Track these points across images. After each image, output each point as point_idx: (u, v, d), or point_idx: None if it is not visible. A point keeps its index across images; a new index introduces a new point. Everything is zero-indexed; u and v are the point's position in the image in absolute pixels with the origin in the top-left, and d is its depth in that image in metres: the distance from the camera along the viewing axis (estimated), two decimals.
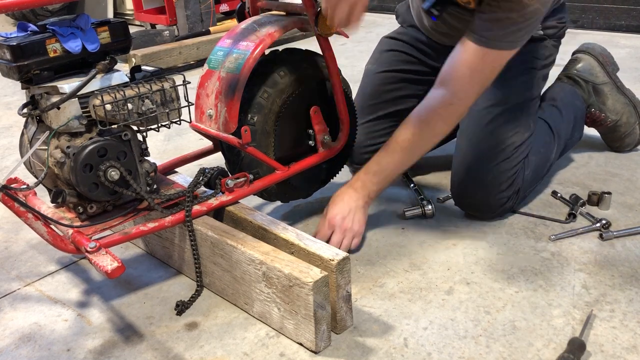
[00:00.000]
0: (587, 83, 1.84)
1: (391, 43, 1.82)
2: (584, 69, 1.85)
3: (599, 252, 1.41)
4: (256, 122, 1.36)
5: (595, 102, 1.83)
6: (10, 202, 1.15)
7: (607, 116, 1.84)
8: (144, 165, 1.26)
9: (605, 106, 1.84)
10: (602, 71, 1.85)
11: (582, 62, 1.87)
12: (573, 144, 1.81)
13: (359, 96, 1.79)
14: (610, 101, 1.84)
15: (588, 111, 1.84)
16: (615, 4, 3.49)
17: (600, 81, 1.84)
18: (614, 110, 1.84)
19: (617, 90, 1.86)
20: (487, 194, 1.51)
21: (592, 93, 1.83)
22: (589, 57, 1.87)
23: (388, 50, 1.81)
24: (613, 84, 1.86)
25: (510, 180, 1.52)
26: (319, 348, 1.14)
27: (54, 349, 1.20)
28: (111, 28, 1.22)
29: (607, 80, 1.85)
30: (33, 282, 1.42)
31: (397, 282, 1.34)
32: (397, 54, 1.78)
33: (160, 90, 1.22)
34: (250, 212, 1.34)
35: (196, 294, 1.30)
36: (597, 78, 1.84)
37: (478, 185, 1.52)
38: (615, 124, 1.85)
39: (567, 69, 1.89)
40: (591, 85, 1.83)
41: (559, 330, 1.17)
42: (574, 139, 1.78)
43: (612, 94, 1.85)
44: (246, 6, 1.52)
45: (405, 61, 1.77)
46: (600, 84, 1.84)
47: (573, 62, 1.89)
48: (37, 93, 1.21)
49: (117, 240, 1.21)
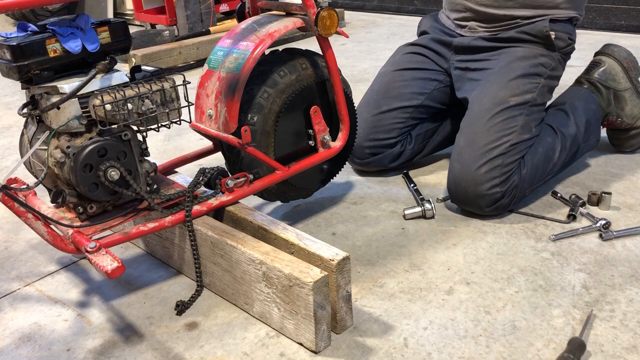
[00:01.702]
0: (608, 90, 1.78)
1: (406, 49, 1.90)
2: (606, 74, 1.79)
3: (599, 252, 1.41)
4: (256, 122, 1.36)
5: (614, 109, 1.79)
6: (10, 202, 1.15)
7: (622, 121, 1.81)
8: (144, 165, 1.26)
9: (623, 112, 1.80)
10: (625, 77, 1.79)
11: (605, 65, 1.81)
12: (590, 148, 1.77)
13: (368, 92, 1.86)
14: (629, 107, 1.80)
15: (606, 119, 1.81)
16: (615, 4, 3.49)
17: (622, 87, 1.79)
18: (631, 115, 1.81)
19: (637, 96, 1.81)
20: (480, 188, 1.52)
21: (612, 101, 1.78)
22: (613, 62, 1.81)
23: (403, 54, 1.89)
24: (634, 90, 1.80)
25: (505, 176, 1.52)
26: (319, 348, 1.14)
27: (54, 349, 1.20)
28: (111, 28, 1.22)
29: (629, 86, 1.79)
30: (33, 282, 1.42)
31: (397, 282, 1.34)
32: (411, 56, 1.86)
33: (160, 90, 1.22)
34: (250, 212, 1.34)
35: (196, 294, 1.30)
36: (619, 84, 1.79)
37: (471, 179, 1.52)
38: (630, 127, 1.84)
39: (588, 72, 1.83)
40: (612, 92, 1.78)
41: (559, 330, 1.17)
42: (589, 142, 1.75)
43: (632, 100, 1.80)
44: (246, 6, 1.52)
45: (417, 61, 1.84)
46: (622, 91, 1.79)
47: (595, 65, 1.82)
48: (37, 93, 1.21)
49: (117, 240, 1.21)
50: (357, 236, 1.54)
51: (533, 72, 1.63)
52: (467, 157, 1.54)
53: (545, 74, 1.64)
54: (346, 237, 1.53)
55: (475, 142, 1.55)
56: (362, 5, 4.59)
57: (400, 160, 1.83)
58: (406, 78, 1.80)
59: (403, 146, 1.81)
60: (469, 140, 1.57)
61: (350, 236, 1.54)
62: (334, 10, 1.34)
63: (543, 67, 1.64)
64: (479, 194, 1.53)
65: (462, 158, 1.55)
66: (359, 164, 1.84)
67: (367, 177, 1.86)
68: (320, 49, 1.40)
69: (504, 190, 1.53)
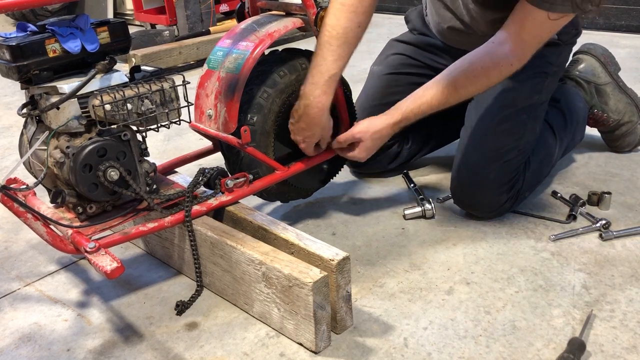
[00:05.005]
0: (589, 84, 1.83)
1: (399, 46, 1.82)
2: (585, 70, 1.85)
3: (599, 252, 1.41)
4: (256, 122, 1.35)
5: (597, 103, 1.83)
6: (10, 202, 1.15)
7: (609, 116, 1.83)
8: (144, 165, 1.26)
9: (607, 106, 1.83)
10: (604, 72, 1.85)
11: (584, 62, 1.86)
12: (574, 146, 1.81)
13: (362, 97, 1.79)
14: (613, 101, 1.84)
15: (591, 112, 1.83)
16: (615, 4, 3.49)
17: (602, 82, 1.84)
18: (616, 110, 1.84)
19: (619, 90, 1.85)
20: (488, 194, 1.51)
21: (595, 94, 1.83)
22: (591, 58, 1.87)
23: (395, 53, 1.81)
24: (615, 84, 1.85)
25: (512, 182, 1.52)
26: (319, 348, 1.14)
27: (54, 349, 1.20)
28: (111, 28, 1.22)
29: (609, 80, 1.84)
30: (33, 282, 1.42)
31: (397, 282, 1.34)
32: (404, 58, 1.79)
33: (160, 90, 1.22)
34: (250, 212, 1.34)
35: (196, 294, 1.29)
36: (599, 79, 1.84)
37: (479, 185, 1.51)
38: (617, 123, 1.85)
39: (568, 70, 1.88)
40: (593, 86, 1.83)
41: (559, 330, 1.17)
42: (575, 141, 1.78)
43: (614, 94, 1.84)
44: (246, 6, 1.52)
45: (411, 65, 1.77)
46: (603, 85, 1.83)
47: (575, 63, 1.88)
48: (36, 93, 1.21)
49: (117, 240, 1.21)
50: (357, 236, 1.53)
51: (540, 70, 1.58)
52: (474, 163, 1.53)
53: (551, 70, 1.61)
54: (346, 237, 1.53)
55: (482, 146, 1.53)
56: None
57: (399, 161, 1.82)
58: (401, 83, 1.74)
59: (400, 146, 1.80)
60: (475, 144, 1.54)
61: (350, 236, 1.54)
62: None
63: (550, 63, 1.60)
64: (485, 199, 1.52)
65: (469, 163, 1.54)
66: (356, 166, 1.84)
67: (367, 177, 1.86)
68: None
69: (509, 195, 1.52)
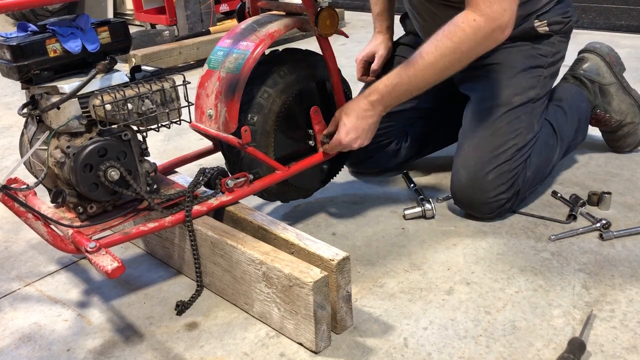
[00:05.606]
0: (593, 84, 1.82)
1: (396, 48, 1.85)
2: (590, 69, 1.83)
3: (599, 252, 1.41)
4: (256, 122, 1.36)
5: (600, 103, 1.82)
6: (10, 202, 1.15)
7: (611, 117, 1.83)
8: (144, 165, 1.26)
9: (610, 107, 1.82)
10: (609, 72, 1.83)
11: (589, 62, 1.85)
12: (576, 146, 1.80)
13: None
14: (616, 102, 1.82)
15: (593, 112, 1.83)
16: (615, 4, 3.49)
17: (606, 82, 1.82)
18: (619, 110, 1.83)
19: (623, 91, 1.84)
20: (487, 195, 1.51)
21: (598, 94, 1.81)
22: (596, 57, 1.85)
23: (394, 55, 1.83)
24: (619, 85, 1.83)
25: (511, 182, 1.52)
26: (319, 348, 1.14)
27: (54, 349, 1.20)
28: (111, 28, 1.22)
29: (613, 80, 1.83)
30: (33, 282, 1.42)
31: (397, 282, 1.34)
32: (400, 59, 1.79)
33: (160, 90, 1.22)
34: (250, 212, 1.34)
35: (196, 294, 1.30)
36: (604, 79, 1.82)
37: (478, 186, 1.52)
38: (620, 124, 1.85)
39: (573, 68, 1.87)
40: (597, 86, 1.82)
41: (559, 330, 1.17)
42: (576, 140, 1.78)
43: (618, 95, 1.83)
44: (246, 6, 1.52)
45: None
46: (607, 85, 1.82)
47: (579, 62, 1.87)
48: (37, 93, 1.21)
49: (117, 240, 1.21)
50: (357, 236, 1.54)
51: (533, 64, 1.58)
52: (472, 164, 1.53)
53: (546, 63, 1.60)
54: (346, 237, 1.53)
55: (480, 147, 1.53)
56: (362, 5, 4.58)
57: (398, 159, 1.82)
58: None
59: (399, 144, 1.80)
60: (473, 145, 1.54)
61: (350, 236, 1.54)
62: (334, 10, 1.34)
63: (543, 56, 1.60)
64: (485, 200, 1.52)
65: (468, 164, 1.54)
66: (355, 166, 1.84)
67: (367, 177, 1.86)
68: (320, 49, 1.40)
69: (509, 196, 1.52)
